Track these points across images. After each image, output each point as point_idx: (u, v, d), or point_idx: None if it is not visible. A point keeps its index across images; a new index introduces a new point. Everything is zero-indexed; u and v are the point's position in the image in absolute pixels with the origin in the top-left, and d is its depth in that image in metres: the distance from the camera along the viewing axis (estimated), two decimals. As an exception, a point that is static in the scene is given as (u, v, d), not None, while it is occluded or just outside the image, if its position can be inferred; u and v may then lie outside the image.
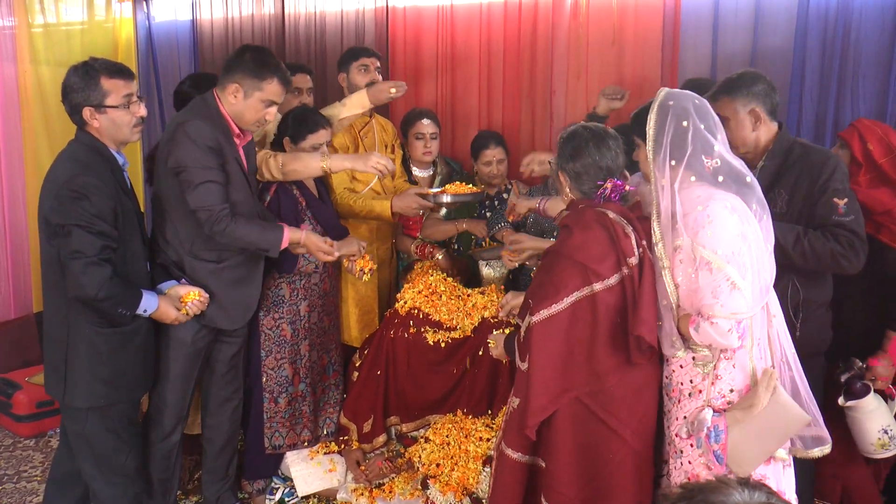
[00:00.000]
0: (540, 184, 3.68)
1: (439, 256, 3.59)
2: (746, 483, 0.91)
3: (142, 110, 2.57)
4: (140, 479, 2.73)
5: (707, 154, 2.07)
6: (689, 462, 2.14)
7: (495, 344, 2.79)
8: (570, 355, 2.22)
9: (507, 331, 2.94)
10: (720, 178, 2.07)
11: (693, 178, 2.08)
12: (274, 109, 2.82)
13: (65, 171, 2.45)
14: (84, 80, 2.46)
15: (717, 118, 2.13)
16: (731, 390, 2.10)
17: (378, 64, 3.61)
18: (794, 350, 2.16)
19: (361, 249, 3.06)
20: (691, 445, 2.13)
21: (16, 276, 4.50)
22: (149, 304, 2.59)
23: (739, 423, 2.02)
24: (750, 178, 2.07)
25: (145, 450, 2.82)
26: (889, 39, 3.47)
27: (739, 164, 2.11)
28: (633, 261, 2.17)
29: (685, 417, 2.16)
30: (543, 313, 2.22)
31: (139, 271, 2.66)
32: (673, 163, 2.06)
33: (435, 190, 3.44)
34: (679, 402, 2.19)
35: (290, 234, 2.80)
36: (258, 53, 2.78)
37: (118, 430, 2.63)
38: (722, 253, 2.00)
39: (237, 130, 2.78)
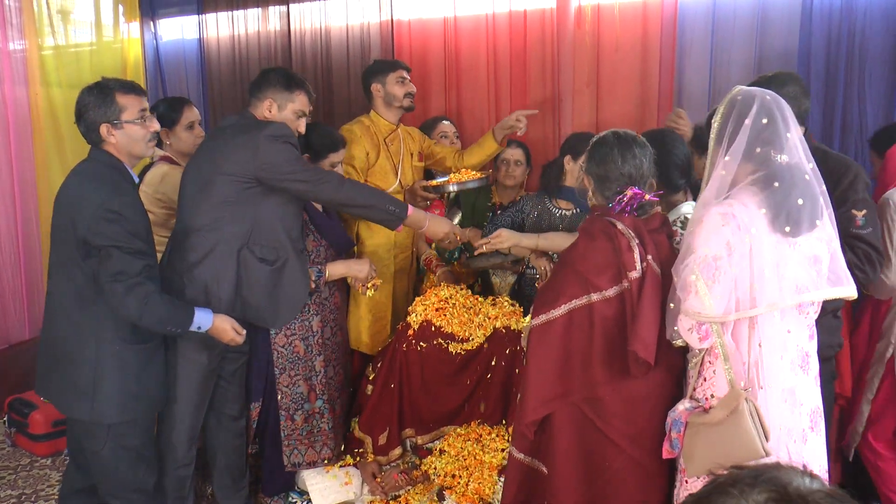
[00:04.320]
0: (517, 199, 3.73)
1: (438, 272, 3.62)
2: (805, 471, 0.91)
3: (155, 125, 2.62)
4: (157, 495, 2.74)
5: (774, 149, 2.00)
6: None
7: (525, 334, 2.81)
8: (567, 361, 2.24)
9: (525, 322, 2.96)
10: (751, 178, 2.02)
11: (748, 177, 2.02)
12: (304, 122, 2.92)
13: (95, 191, 2.45)
14: (99, 98, 2.49)
15: (788, 114, 2.04)
16: (712, 395, 2.08)
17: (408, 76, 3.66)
18: (802, 389, 2.08)
19: (372, 275, 3.12)
20: None
21: (30, 297, 4.53)
22: (203, 320, 2.61)
23: (698, 426, 2.01)
24: (778, 183, 1.98)
25: (160, 474, 2.81)
26: (895, 40, 3.47)
27: (797, 165, 2.00)
28: (634, 275, 2.17)
29: None
30: (542, 318, 2.26)
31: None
32: (727, 158, 2.02)
33: (440, 180, 3.50)
34: (685, 394, 2.21)
35: (414, 212, 2.95)
36: (282, 71, 2.95)
37: (136, 447, 2.64)
38: (696, 254, 1.99)
39: None
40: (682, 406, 2.09)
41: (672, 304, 2.10)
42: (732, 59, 3.86)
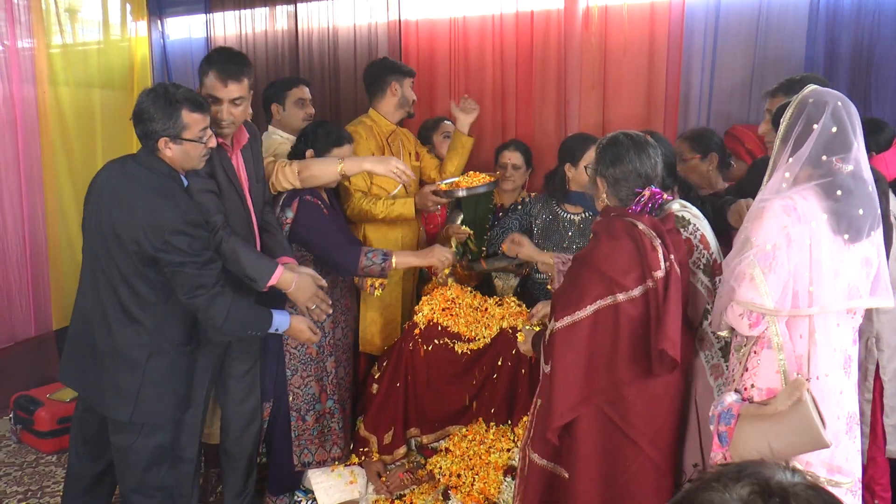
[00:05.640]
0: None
1: (439, 275, 3.63)
2: (787, 466, 0.93)
3: (213, 141, 2.55)
4: (173, 494, 2.74)
5: (839, 157, 1.97)
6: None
7: (524, 338, 2.80)
8: (591, 363, 2.23)
9: (537, 327, 2.95)
10: (814, 182, 1.99)
11: (810, 181, 1.99)
12: (224, 106, 2.69)
13: (161, 207, 2.41)
14: (165, 112, 2.41)
15: (857, 122, 2.00)
16: (752, 385, 2.07)
17: None
18: (847, 382, 2.07)
19: (445, 261, 3.12)
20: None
21: (36, 294, 4.53)
22: (281, 322, 2.67)
23: (751, 418, 1.99)
24: (840, 191, 1.96)
25: None
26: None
27: (859, 174, 1.98)
28: (659, 274, 2.16)
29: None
30: (567, 319, 2.23)
31: None
32: (791, 161, 2.00)
33: (449, 181, 3.51)
34: (726, 385, 2.20)
35: (281, 275, 2.70)
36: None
37: (165, 445, 2.64)
38: (755, 242, 1.98)
39: (221, 139, 2.74)
40: (731, 398, 2.05)
41: (722, 295, 2.09)
42: (739, 62, 3.86)
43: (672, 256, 2.19)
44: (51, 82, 4.51)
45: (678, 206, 2.54)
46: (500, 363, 3.21)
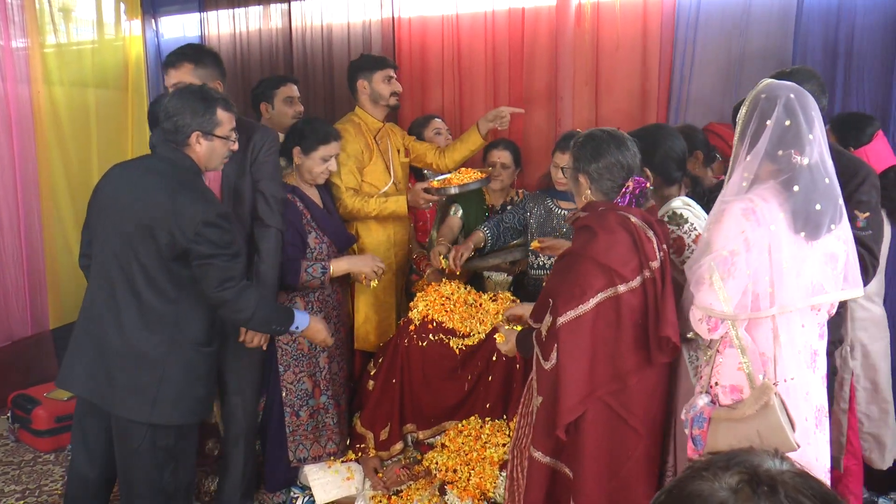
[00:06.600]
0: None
1: (428, 272, 3.64)
2: (776, 454, 0.95)
3: (235, 145, 2.64)
4: (175, 496, 2.72)
5: (795, 150, 1.96)
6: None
7: (504, 339, 2.81)
8: (596, 355, 2.24)
9: (517, 327, 2.97)
10: (778, 179, 1.98)
11: (770, 178, 1.99)
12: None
13: (193, 202, 2.43)
14: (201, 107, 2.49)
15: (814, 114, 1.98)
16: (717, 383, 2.08)
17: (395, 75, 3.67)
18: (815, 387, 2.08)
19: (377, 268, 3.16)
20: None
21: (32, 293, 4.54)
22: (301, 321, 2.73)
23: (723, 421, 2.00)
24: (797, 187, 1.95)
25: None
26: (893, 37, 3.48)
27: (818, 167, 1.97)
28: (656, 264, 2.20)
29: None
30: (570, 314, 2.23)
31: None
32: (749, 158, 1.99)
33: (441, 178, 3.52)
34: (700, 387, 2.21)
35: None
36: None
37: (171, 447, 2.62)
38: (713, 247, 1.98)
39: None
40: (702, 401, 2.06)
41: (685, 299, 2.12)
42: (731, 57, 3.88)
43: (664, 246, 2.25)
44: (45, 82, 4.51)
45: (680, 204, 2.54)
46: (494, 359, 3.22)
